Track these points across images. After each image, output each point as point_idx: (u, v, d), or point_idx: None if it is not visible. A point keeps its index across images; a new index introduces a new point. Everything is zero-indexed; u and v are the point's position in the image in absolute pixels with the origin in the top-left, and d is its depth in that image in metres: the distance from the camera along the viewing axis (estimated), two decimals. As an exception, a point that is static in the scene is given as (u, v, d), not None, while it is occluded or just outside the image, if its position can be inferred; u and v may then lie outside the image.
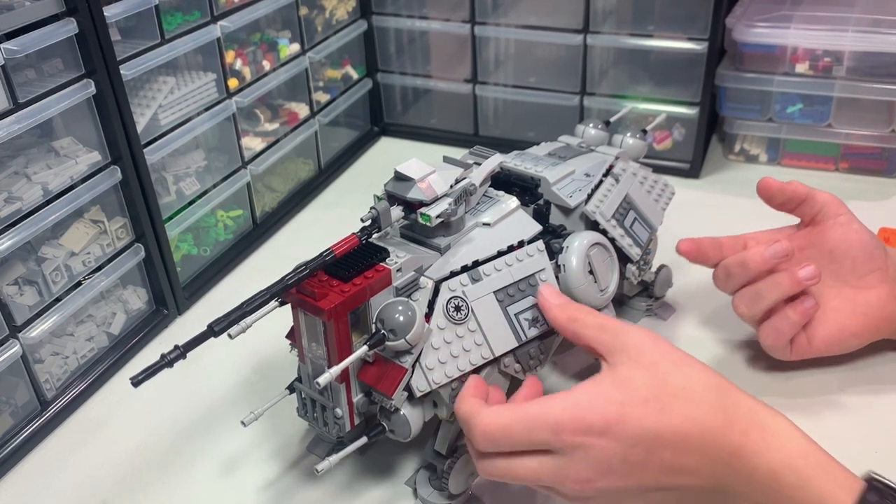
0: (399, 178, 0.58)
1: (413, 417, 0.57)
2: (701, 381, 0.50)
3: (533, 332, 0.61)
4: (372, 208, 0.57)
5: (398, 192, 0.58)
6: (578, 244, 0.63)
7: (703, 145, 1.06)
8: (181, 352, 0.50)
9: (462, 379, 0.58)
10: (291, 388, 0.62)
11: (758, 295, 0.68)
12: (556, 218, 0.70)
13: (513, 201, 0.64)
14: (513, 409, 0.50)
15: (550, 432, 0.48)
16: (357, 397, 0.58)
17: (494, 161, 0.64)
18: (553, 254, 0.64)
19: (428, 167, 0.59)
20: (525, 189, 0.69)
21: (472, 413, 0.51)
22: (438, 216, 0.57)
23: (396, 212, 0.58)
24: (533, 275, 0.61)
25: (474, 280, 0.59)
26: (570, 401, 0.49)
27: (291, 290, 0.54)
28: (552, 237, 0.66)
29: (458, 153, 0.68)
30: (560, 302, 0.58)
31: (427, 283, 0.58)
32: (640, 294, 0.81)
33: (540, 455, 0.49)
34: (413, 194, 0.57)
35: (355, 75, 1.16)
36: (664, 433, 0.47)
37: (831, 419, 0.68)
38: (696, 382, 0.49)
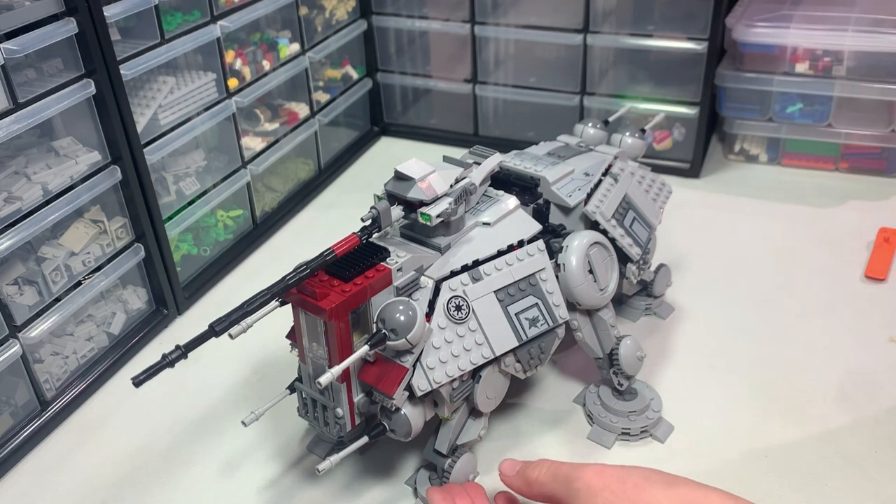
0: (399, 177, 0.58)
1: (414, 417, 0.57)
2: None
3: (533, 332, 0.61)
4: (372, 208, 0.57)
5: (398, 192, 0.58)
6: (578, 243, 0.63)
7: (703, 145, 1.06)
8: (182, 352, 0.50)
9: (462, 378, 0.58)
10: (292, 388, 0.62)
11: None
12: (555, 217, 0.70)
13: (512, 201, 0.64)
14: None
15: None
16: (358, 397, 0.58)
17: (494, 160, 0.64)
18: (553, 253, 0.64)
19: (428, 167, 0.59)
20: (525, 188, 0.69)
21: None
22: (439, 216, 0.57)
23: (397, 211, 0.58)
24: (533, 274, 0.61)
25: (475, 279, 0.59)
26: None
27: (292, 289, 0.54)
28: (552, 236, 0.66)
29: (458, 153, 0.68)
30: (516, 471, 0.55)
31: (427, 283, 0.58)
32: (640, 293, 0.81)
33: None
34: (413, 194, 0.57)
35: (355, 75, 1.16)
36: None
37: (831, 420, 0.68)
38: None
